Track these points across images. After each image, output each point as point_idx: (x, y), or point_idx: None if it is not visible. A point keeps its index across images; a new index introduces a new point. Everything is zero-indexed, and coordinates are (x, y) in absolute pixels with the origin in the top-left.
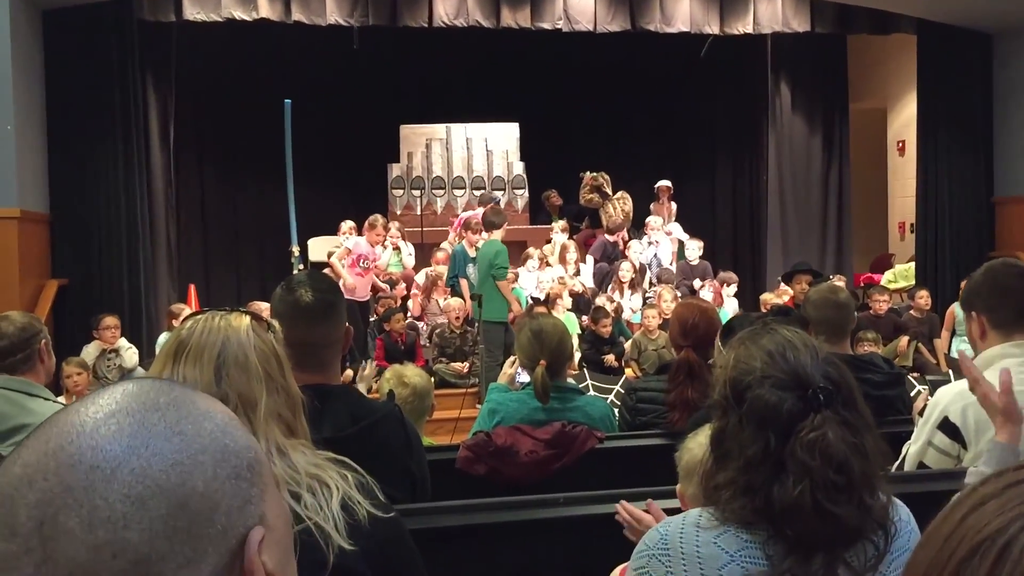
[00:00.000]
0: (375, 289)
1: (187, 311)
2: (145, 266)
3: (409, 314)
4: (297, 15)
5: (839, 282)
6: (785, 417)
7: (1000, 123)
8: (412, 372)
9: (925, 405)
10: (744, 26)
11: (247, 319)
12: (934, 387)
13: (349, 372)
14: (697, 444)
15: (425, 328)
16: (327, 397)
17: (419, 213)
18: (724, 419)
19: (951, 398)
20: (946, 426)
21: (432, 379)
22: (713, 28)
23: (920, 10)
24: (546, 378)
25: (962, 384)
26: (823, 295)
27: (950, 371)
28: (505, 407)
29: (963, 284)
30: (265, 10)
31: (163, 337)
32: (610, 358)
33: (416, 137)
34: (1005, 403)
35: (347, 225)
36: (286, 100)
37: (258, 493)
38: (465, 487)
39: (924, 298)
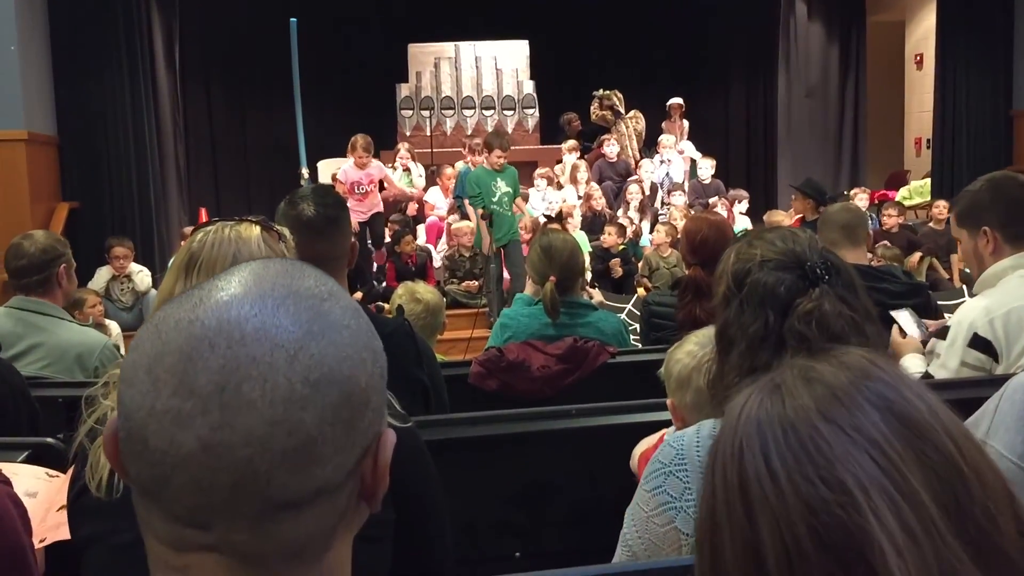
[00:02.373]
0: (395, 201)
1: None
2: (155, 189)
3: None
4: None
5: (863, 193)
6: (784, 294)
7: (1020, 35)
8: (424, 289)
9: (943, 328)
10: None
11: (257, 229)
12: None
13: (359, 294)
14: (685, 353)
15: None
16: None
17: (429, 134)
18: (727, 309)
19: (976, 313)
20: (977, 342)
21: (444, 300)
22: None
23: None
24: (555, 294)
25: (981, 299)
26: (834, 208)
27: (963, 286)
28: (516, 323)
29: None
30: None
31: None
32: (616, 263)
33: (425, 56)
34: None
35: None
36: (292, 20)
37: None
38: (478, 402)
39: (941, 209)
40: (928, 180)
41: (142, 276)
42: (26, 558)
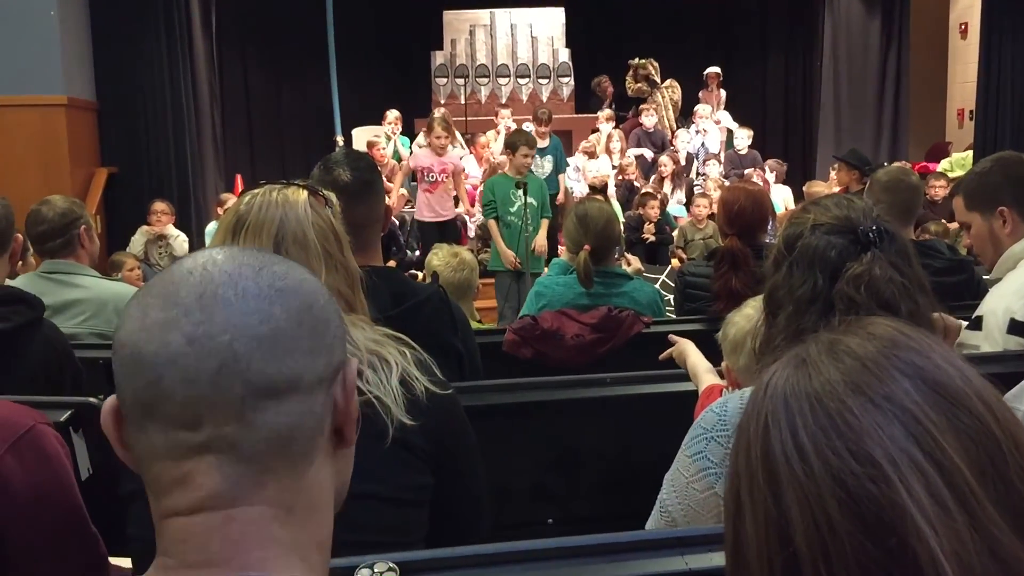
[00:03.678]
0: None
1: (233, 200)
2: (192, 155)
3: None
4: None
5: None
6: (834, 258)
7: None
8: (460, 248)
9: (974, 319)
10: None
11: (304, 194)
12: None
13: (392, 261)
14: (743, 316)
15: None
16: (370, 278)
17: (463, 102)
18: (776, 273)
19: (1009, 298)
20: (1016, 327)
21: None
22: None
23: None
24: (589, 263)
25: (1009, 282)
26: (893, 175)
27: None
28: (551, 291)
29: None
30: None
31: (211, 226)
32: (650, 228)
33: (460, 23)
34: None
35: (393, 115)
36: None
37: (345, 339)
38: (512, 370)
39: (936, 189)
40: (971, 152)
41: (180, 241)
42: (83, 517)
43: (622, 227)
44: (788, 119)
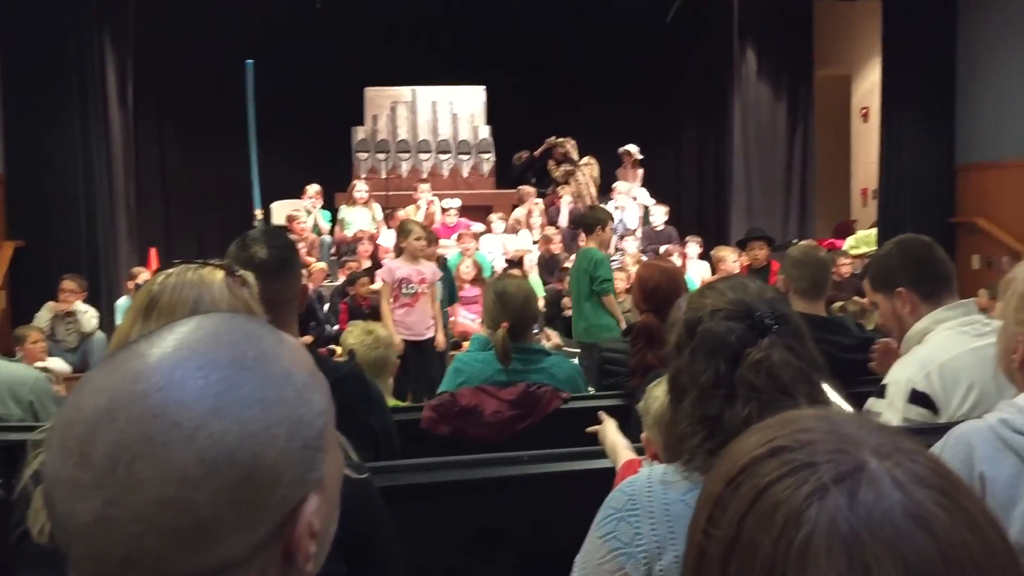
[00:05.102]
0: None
1: (145, 275)
2: (104, 229)
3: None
4: None
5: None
6: (734, 343)
7: (962, 90)
8: (376, 325)
9: (880, 387)
10: None
11: (221, 274)
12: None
13: (309, 337)
14: (662, 391)
15: None
16: None
17: (384, 177)
18: (679, 358)
19: (912, 369)
20: (916, 397)
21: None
22: None
23: None
24: (507, 340)
25: (913, 355)
26: (803, 251)
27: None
28: (470, 367)
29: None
30: None
31: (123, 300)
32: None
33: (382, 99)
34: None
35: (313, 189)
36: (248, 61)
37: (321, 458)
38: (430, 448)
39: (839, 267)
40: (875, 230)
41: (88, 317)
42: None
43: (541, 301)
44: (702, 197)
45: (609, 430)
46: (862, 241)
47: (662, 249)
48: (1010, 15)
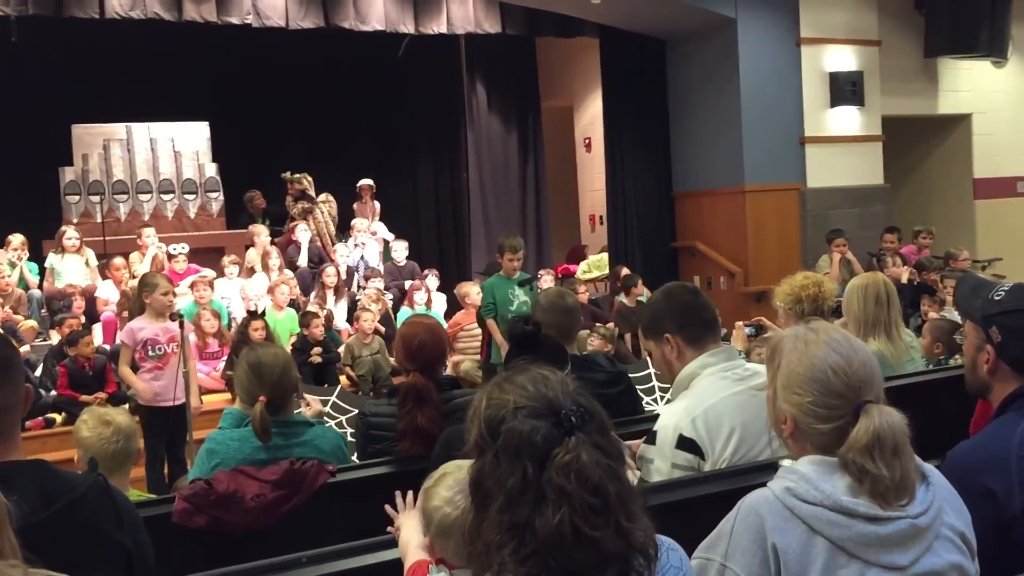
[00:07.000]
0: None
1: None
2: None
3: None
4: None
5: (548, 275)
6: (541, 444)
7: (675, 123)
8: (113, 411)
9: (651, 433)
10: (438, 26)
11: None
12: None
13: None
14: (444, 501)
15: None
16: (10, 475)
17: (100, 221)
18: (481, 459)
19: (679, 416)
20: (683, 443)
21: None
22: (408, 27)
23: (600, 16)
24: (266, 415)
25: (680, 402)
26: (551, 299)
27: (648, 357)
28: (225, 448)
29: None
30: None
31: None
32: (317, 350)
33: (91, 138)
34: None
35: (17, 239)
36: None
37: None
38: (186, 543)
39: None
40: (605, 254)
41: None
42: None
43: (289, 348)
44: (441, 229)
45: (405, 524)
46: (594, 266)
47: (407, 284)
48: (705, 61)
